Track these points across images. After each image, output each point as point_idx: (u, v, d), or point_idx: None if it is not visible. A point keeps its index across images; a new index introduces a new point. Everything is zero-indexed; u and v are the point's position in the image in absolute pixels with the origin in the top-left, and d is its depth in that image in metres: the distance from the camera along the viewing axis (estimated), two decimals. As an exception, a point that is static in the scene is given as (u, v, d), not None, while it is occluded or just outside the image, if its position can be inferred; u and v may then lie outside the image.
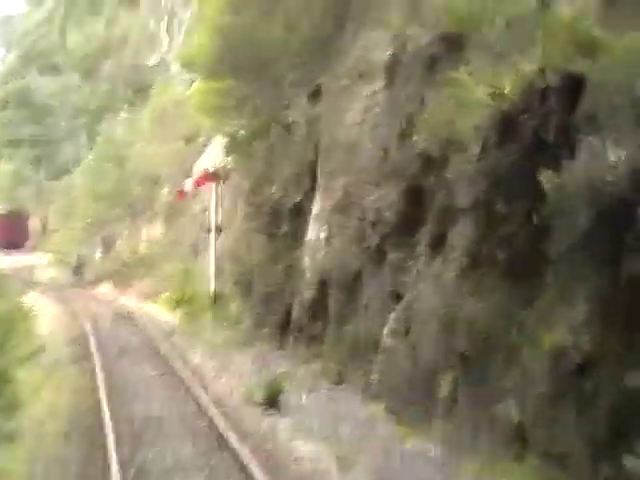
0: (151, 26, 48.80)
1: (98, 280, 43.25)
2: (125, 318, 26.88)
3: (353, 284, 15.50)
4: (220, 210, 28.97)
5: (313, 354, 17.40)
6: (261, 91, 21.73)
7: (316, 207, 17.84)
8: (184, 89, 47.66)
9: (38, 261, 59.40)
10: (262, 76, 21.28)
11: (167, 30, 48.70)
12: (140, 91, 55.15)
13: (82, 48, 50.01)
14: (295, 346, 18.64)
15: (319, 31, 19.41)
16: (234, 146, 26.04)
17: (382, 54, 14.88)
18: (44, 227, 76.22)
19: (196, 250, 35.94)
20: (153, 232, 43.10)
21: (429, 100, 12.28)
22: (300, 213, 19.13)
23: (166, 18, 48.23)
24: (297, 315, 18.59)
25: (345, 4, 17.84)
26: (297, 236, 19.20)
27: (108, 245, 48.56)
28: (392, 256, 14.06)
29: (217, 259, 28.74)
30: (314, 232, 17.76)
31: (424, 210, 13.11)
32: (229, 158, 28.14)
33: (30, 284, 39.40)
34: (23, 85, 65.55)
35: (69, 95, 61.96)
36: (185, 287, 31.24)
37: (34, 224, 76.60)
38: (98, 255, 50.45)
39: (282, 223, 20.19)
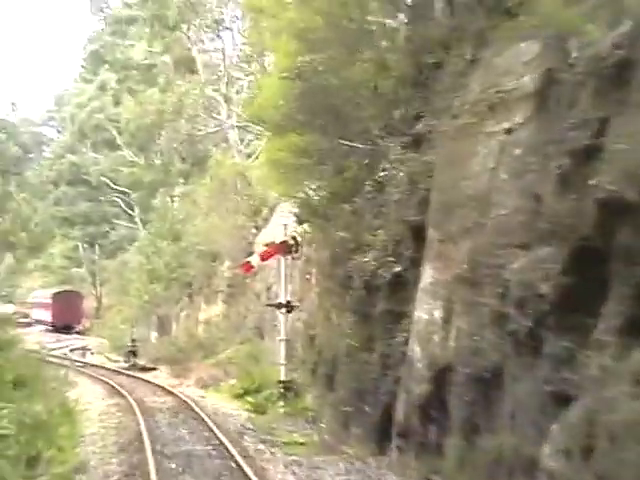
0: (208, 93, 46.30)
1: (153, 365, 39.80)
2: (186, 412, 23.23)
3: (489, 380, 11.72)
4: (290, 286, 25.47)
5: (429, 468, 13.55)
6: (345, 144, 18.36)
7: (426, 279, 14.18)
8: (244, 159, 45.01)
9: (91, 343, 56.53)
10: (346, 126, 17.94)
11: (225, 97, 46.19)
12: (196, 164, 52.71)
13: (136, 119, 47.62)
14: (401, 455, 14.81)
15: (417, 66, 16.10)
16: (308, 212, 22.72)
17: (523, 76, 11.37)
18: (98, 308, 73.80)
19: (261, 332, 32.42)
20: (212, 312, 39.76)
21: (619, 124, 8.65)
22: (402, 287, 15.50)
23: (224, 84, 45.73)
24: (402, 416, 14.78)
25: (455, 28, 14.49)
26: (399, 316, 15.55)
27: (164, 326, 45.36)
28: (553, 344, 10.28)
29: (287, 342, 25.14)
30: (424, 311, 14.06)
31: (605, 280, 9.38)
32: (300, 227, 24.88)
33: (80, 370, 36.19)
34: (76, 162, 63.67)
35: (123, 170, 59.76)
36: (251, 374, 27.63)
37: (88, 305, 74.22)
38: (153, 337, 47.24)
39: (377, 299, 16.55)
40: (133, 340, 40.16)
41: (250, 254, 35.88)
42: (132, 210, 65.47)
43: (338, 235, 18.78)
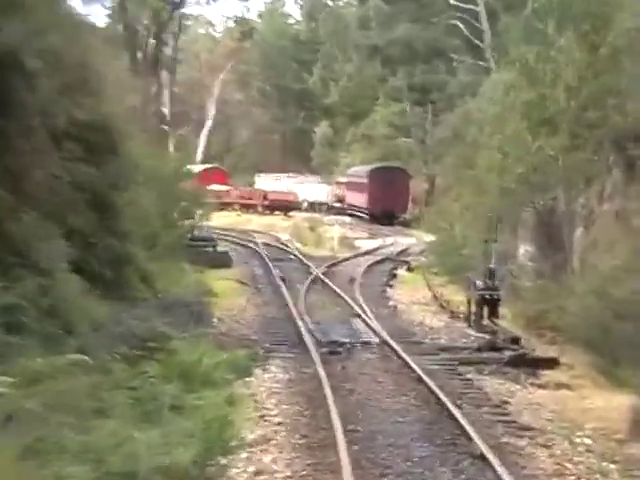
0: None
1: (535, 326, 16.51)
2: None
3: None
4: None
5: None
6: None
7: None
8: None
9: (416, 245, 37.80)
10: None
11: None
12: None
13: None
14: None
15: None
16: None
17: None
18: (430, 191, 55.46)
19: None
20: None
21: None
22: None
23: None
24: None
25: None
26: None
27: (553, 236, 20.99)
28: None
29: None
30: None
31: None
32: None
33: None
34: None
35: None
36: None
37: (417, 186, 56.67)
38: (523, 255, 23.20)
39: None
40: (490, 271, 16.70)
41: None
42: (480, 40, 41.83)
43: None
